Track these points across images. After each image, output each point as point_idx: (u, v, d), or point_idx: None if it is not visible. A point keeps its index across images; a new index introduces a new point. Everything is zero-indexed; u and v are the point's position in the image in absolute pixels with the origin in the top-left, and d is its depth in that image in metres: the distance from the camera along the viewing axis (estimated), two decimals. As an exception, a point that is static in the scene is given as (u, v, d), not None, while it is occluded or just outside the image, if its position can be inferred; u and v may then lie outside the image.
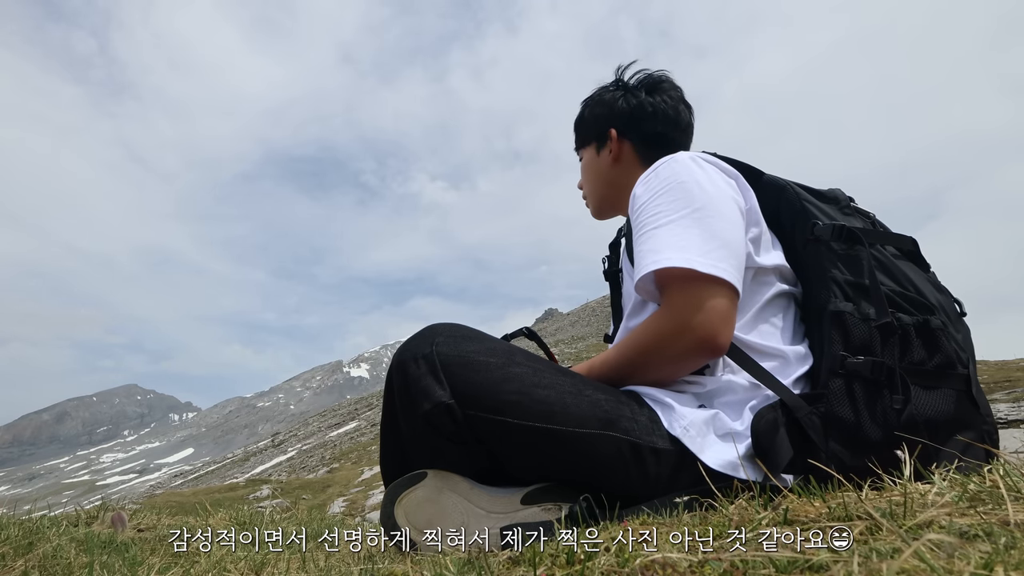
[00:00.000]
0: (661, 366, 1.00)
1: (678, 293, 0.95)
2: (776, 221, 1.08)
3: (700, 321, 0.92)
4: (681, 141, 1.26)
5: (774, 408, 0.92)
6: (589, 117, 1.32)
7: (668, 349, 0.97)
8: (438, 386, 0.90)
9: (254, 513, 2.12)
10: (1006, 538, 0.50)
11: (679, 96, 1.27)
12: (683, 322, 0.93)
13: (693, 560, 0.54)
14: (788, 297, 1.06)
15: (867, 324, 0.93)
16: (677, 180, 1.00)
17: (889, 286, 0.97)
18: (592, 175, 1.33)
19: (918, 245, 1.07)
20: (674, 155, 1.06)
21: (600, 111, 1.29)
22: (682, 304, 0.94)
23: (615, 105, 1.27)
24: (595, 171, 1.32)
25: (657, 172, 1.04)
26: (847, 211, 1.08)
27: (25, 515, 1.67)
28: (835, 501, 0.66)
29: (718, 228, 0.96)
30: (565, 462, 0.92)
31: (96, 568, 0.96)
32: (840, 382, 0.91)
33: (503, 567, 0.71)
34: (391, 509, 0.94)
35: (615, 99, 1.27)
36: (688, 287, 0.94)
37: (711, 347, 0.94)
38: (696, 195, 0.98)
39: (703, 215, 0.96)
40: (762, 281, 1.04)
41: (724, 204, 0.99)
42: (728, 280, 0.92)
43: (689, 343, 0.94)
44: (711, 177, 1.01)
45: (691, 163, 1.03)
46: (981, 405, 0.96)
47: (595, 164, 1.32)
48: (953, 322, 0.99)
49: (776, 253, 1.06)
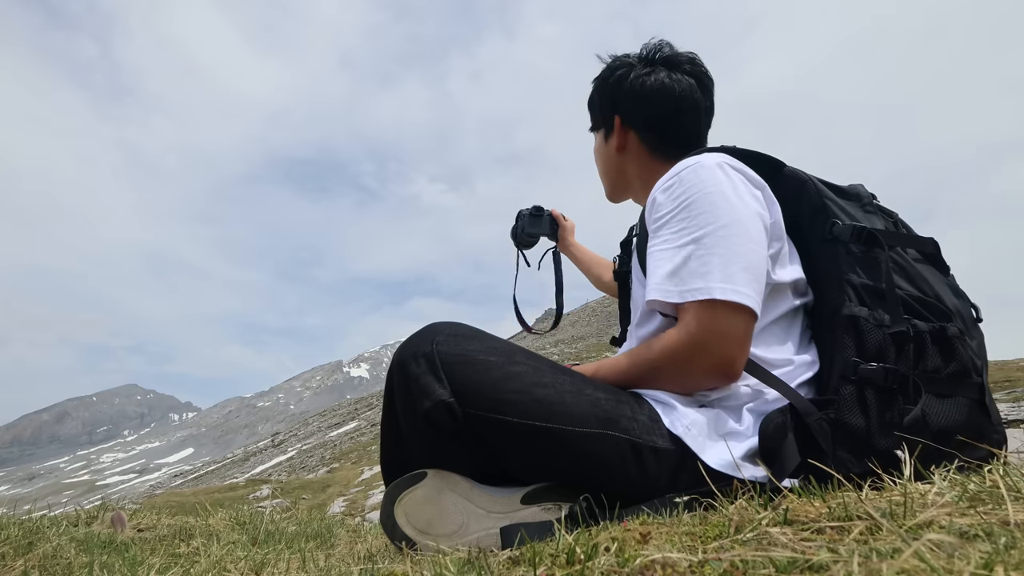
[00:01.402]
0: (672, 385, 0.98)
1: (696, 316, 0.92)
2: (794, 216, 1.04)
3: (717, 347, 0.90)
4: (692, 127, 1.18)
5: (783, 412, 0.91)
6: (594, 100, 1.27)
7: (681, 371, 0.95)
8: (438, 384, 0.89)
9: (254, 513, 2.12)
10: (1006, 538, 0.50)
11: (700, 72, 1.17)
12: (700, 347, 0.91)
13: (693, 560, 0.54)
14: (799, 309, 1.03)
15: (882, 330, 0.90)
16: (703, 191, 0.96)
17: (907, 291, 0.94)
18: (601, 162, 1.31)
19: (939, 248, 1.03)
20: (700, 160, 1.00)
21: (604, 93, 1.23)
22: (700, 328, 0.91)
23: (620, 86, 1.19)
24: (603, 158, 1.29)
25: (681, 178, 0.99)
26: (869, 209, 1.04)
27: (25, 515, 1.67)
28: (835, 501, 0.66)
29: (743, 248, 0.92)
30: (565, 461, 0.92)
31: (96, 568, 0.96)
32: (852, 388, 0.89)
33: (503, 567, 0.70)
34: (391, 509, 0.94)
35: (621, 79, 1.19)
36: (707, 312, 0.91)
37: (728, 373, 0.93)
38: (722, 211, 0.94)
39: (727, 233, 0.93)
40: (778, 297, 1.01)
41: (750, 221, 0.94)
42: (748, 305, 0.90)
43: (704, 368, 0.93)
44: (738, 189, 0.97)
45: (718, 171, 0.97)
46: (993, 414, 0.94)
47: (603, 151, 1.28)
48: (969, 328, 0.96)
49: (793, 267, 1.02)
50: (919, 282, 0.96)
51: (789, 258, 1.03)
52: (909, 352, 0.89)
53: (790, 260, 1.03)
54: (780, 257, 1.01)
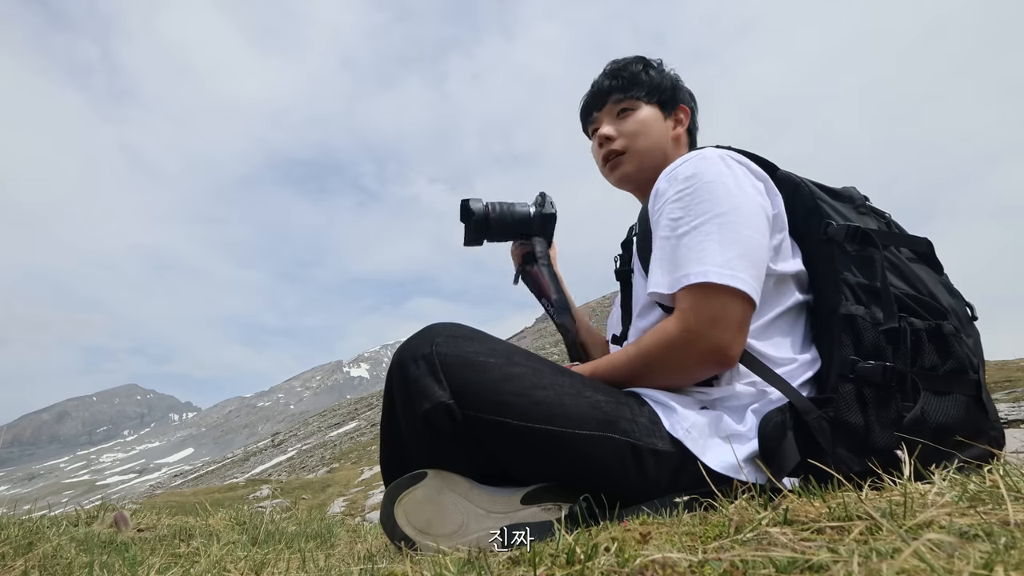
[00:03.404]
0: (668, 375, 0.98)
1: (691, 302, 0.92)
2: (789, 219, 1.05)
3: (712, 333, 0.90)
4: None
5: (782, 411, 0.91)
6: (664, 80, 1.25)
7: (677, 359, 0.95)
8: (437, 386, 0.89)
9: (254, 513, 2.12)
10: (1006, 538, 0.50)
11: None
12: (695, 333, 0.91)
13: (693, 560, 0.54)
14: (803, 306, 1.04)
15: (878, 328, 0.91)
16: (704, 180, 0.97)
17: (902, 289, 0.95)
18: (654, 136, 1.23)
19: (933, 247, 1.04)
20: (702, 152, 1.03)
21: (676, 83, 1.27)
22: (694, 314, 0.91)
23: (683, 86, 1.27)
24: (658, 132, 1.23)
25: (683, 168, 1.01)
26: (862, 210, 1.06)
27: (25, 515, 1.67)
28: (835, 501, 0.66)
29: (742, 236, 0.93)
30: (564, 463, 0.92)
31: (96, 568, 0.96)
32: (850, 387, 0.90)
33: (503, 567, 0.70)
34: (391, 509, 0.94)
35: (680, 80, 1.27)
36: (702, 297, 0.91)
37: (722, 360, 0.93)
38: (722, 198, 0.95)
39: (726, 220, 0.93)
40: (782, 289, 1.01)
41: (750, 210, 0.96)
42: (745, 291, 0.90)
43: (699, 354, 0.93)
44: (739, 179, 0.98)
45: (719, 162, 0.99)
46: (990, 411, 0.95)
47: (658, 126, 1.24)
48: (965, 326, 0.97)
49: (796, 260, 1.03)
50: (914, 280, 0.97)
51: (792, 251, 1.04)
52: (906, 350, 0.90)
53: (793, 253, 1.04)
54: (782, 249, 1.02)
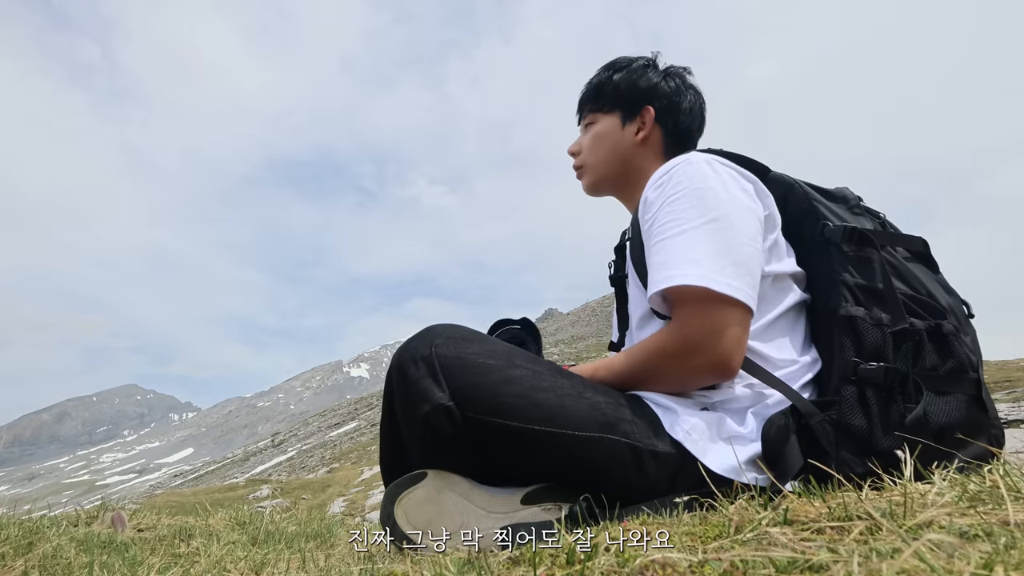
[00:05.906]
0: (668, 384, 0.98)
1: (690, 312, 0.91)
2: (784, 220, 1.04)
3: (713, 344, 0.90)
4: (696, 145, 1.23)
5: (785, 415, 0.90)
6: (623, 83, 1.18)
7: (677, 369, 0.95)
8: (437, 388, 0.89)
9: (254, 513, 2.12)
10: (1006, 538, 0.50)
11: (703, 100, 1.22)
12: (695, 343, 0.91)
13: (693, 560, 0.54)
14: (802, 305, 1.03)
15: (880, 329, 0.91)
16: (692, 186, 0.96)
17: (901, 290, 0.95)
18: (606, 147, 1.20)
19: (928, 246, 1.04)
20: (688, 157, 1.01)
21: (639, 82, 1.18)
22: (694, 324, 0.91)
23: (658, 84, 1.18)
24: (612, 143, 1.19)
25: (671, 175, 0.99)
26: (856, 211, 1.05)
27: (25, 515, 1.67)
28: (835, 501, 0.66)
29: (733, 243, 0.92)
30: (564, 464, 0.92)
31: (96, 568, 0.95)
32: (852, 389, 0.89)
33: (503, 567, 0.70)
34: (391, 509, 0.94)
35: (656, 77, 1.18)
36: (701, 307, 0.90)
37: (722, 371, 0.92)
38: (711, 204, 0.94)
39: (717, 227, 0.92)
40: (780, 288, 1.01)
41: (740, 215, 0.94)
42: (743, 301, 0.89)
43: (700, 365, 0.92)
44: (727, 184, 0.97)
45: (706, 167, 0.98)
46: (990, 409, 0.95)
47: (614, 136, 1.19)
48: (963, 325, 0.97)
49: (791, 260, 1.03)
50: (912, 280, 0.97)
51: (787, 251, 1.04)
52: (908, 351, 0.90)
53: (787, 253, 1.03)
54: (776, 248, 1.01)
